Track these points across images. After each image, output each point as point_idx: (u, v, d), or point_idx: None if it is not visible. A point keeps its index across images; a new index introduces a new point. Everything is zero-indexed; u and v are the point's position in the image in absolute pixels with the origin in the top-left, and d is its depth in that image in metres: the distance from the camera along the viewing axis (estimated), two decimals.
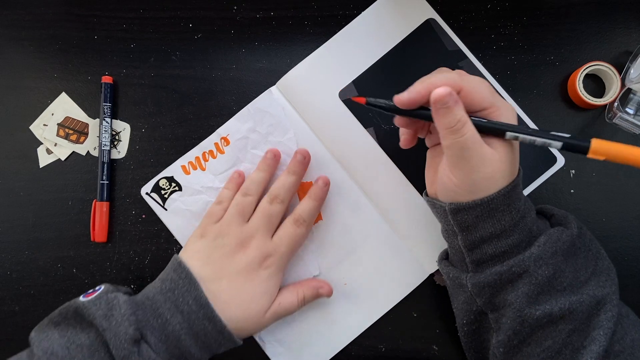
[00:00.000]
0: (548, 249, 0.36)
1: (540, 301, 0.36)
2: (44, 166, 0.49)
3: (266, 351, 0.47)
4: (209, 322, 0.39)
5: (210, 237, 0.43)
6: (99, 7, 0.50)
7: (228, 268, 0.42)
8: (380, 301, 0.47)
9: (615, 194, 0.48)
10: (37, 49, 0.50)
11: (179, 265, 0.41)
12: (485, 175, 0.35)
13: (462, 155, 0.35)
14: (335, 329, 0.47)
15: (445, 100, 0.34)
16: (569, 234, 0.38)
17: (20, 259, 0.49)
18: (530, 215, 0.38)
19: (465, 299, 0.40)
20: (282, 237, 0.44)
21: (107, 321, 0.37)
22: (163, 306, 0.39)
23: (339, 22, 0.49)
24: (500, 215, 0.36)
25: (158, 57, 0.50)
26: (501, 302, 0.37)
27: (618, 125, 0.46)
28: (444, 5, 0.49)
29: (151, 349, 0.37)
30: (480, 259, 0.38)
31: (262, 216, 0.44)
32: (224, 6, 0.50)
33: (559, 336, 0.36)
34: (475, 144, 0.35)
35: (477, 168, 0.35)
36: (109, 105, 0.49)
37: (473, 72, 0.48)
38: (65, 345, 0.37)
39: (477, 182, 0.36)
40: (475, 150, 0.35)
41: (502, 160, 0.36)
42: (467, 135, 0.34)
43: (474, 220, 0.37)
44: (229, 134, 0.48)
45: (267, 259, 0.43)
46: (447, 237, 0.41)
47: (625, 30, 0.48)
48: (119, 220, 0.49)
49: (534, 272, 0.36)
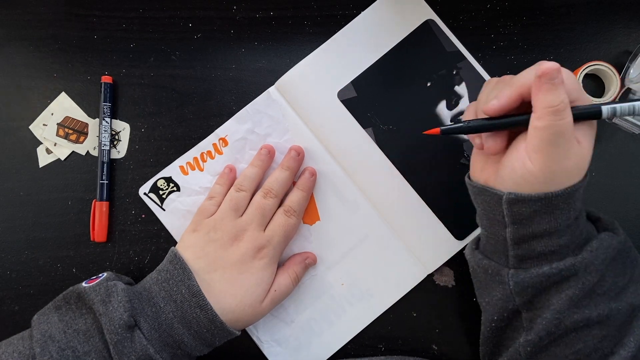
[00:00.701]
0: (600, 255, 0.36)
1: (580, 305, 0.35)
2: (43, 166, 0.50)
3: (264, 351, 0.47)
4: (201, 310, 0.40)
5: (204, 231, 0.44)
6: (98, 7, 0.50)
7: (222, 260, 0.42)
8: (378, 301, 0.47)
9: (615, 194, 0.48)
10: (36, 49, 0.50)
11: (174, 256, 0.42)
12: (567, 167, 0.34)
13: (555, 141, 0.33)
14: (333, 329, 0.47)
15: (554, 76, 0.32)
16: (619, 241, 0.37)
17: (20, 258, 0.49)
18: (583, 217, 0.37)
19: (502, 296, 0.38)
20: (274, 228, 0.44)
21: (104, 306, 0.37)
22: (157, 295, 0.40)
23: (339, 22, 0.49)
24: (559, 213, 0.35)
25: (158, 56, 0.50)
26: (542, 303, 0.36)
27: (618, 125, 0.46)
28: (443, 5, 0.49)
29: (144, 336, 0.38)
30: (525, 254, 0.37)
31: (255, 210, 0.44)
32: (224, 6, 0.50)
33: (591, 341, 0.35)
34: (569, 132, 0.33)
35: (562, 158, 0.34)
36: (109, 105, 0.49)
37: (472, 74, 0.48)
38: (63, 330, 0.38)
39: (557, 173, 0.34)
40: (568, 139, 0.33)
41: (584, 156, 0.35)
42: (567, 120, 0.32)
43: (530, 214, 0.35)
44: (228, 134, 0.48)
45: (261, 251, 0.43)
46: (489, 226, 0.39)
47: (624, 30, 0.48)
48: (119, 220, 0.49)
49: (582, 277, 0.35)
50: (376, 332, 0.47)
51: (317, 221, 0.48)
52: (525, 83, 0.34)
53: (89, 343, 0.37)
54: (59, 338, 0.37)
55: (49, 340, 0.37)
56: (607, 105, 0.34)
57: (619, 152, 0.48)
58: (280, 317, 0.47)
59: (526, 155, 0.35)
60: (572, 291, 0.35)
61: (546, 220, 0.35)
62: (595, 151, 0.47)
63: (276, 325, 0.47)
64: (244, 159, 0.48)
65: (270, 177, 0.46)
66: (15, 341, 0.39)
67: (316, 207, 0.48)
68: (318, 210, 0.48)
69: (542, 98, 0.32)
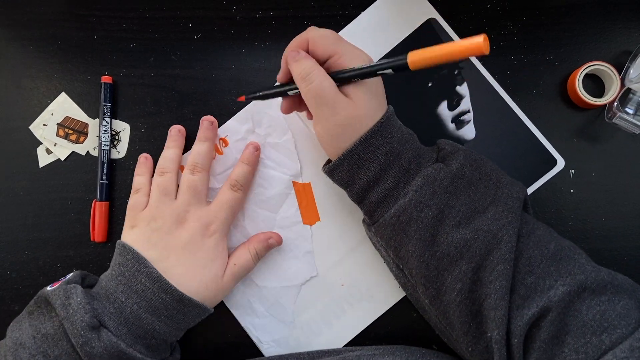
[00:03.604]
0: (425, 191, 0.37)
1: (438, 242, 0.37)
2: (43, 166, 0.49)
3: (263, 352, 0.47)
4: (166, 294, 0.40)
5: (143, 224, 0.43)
6: (98, 7, 0.50)
7: (172, 245, 0.42)
8: (378, 302, 0.47)
9: (615, 194, 0.48)
10: (36, 49, 0.50)
11: (123, 247, 0.42)
12: (339, 122, 0.38)
13: (316, 102, 0.38)
14: (332, 330, 0.47)
15: (292, 55, 0.39)
16: (447, 172, 0.38)
17: (20, 258, 0.49)
18: (407, 153, 0.39)
19: (384, 254, 0.43)
20: (220, 203, 0.44)
21: (64, 310, 0.37)
22: (116, 290, 0.40)
23: (339, 22, 0.49)
24: (368, 163, 0.38)
25: (158, 57, 0.50)
26: (404, 254, 0.39)
27: (617, 125, 0.46)
28: (443, 5, 0.49)
29: (111, 333, 0.38)
30: (370, 208, 0.40)
31: (187, 189, 0.44)
32: (224, 6, 0.50)
33: (465, 276, 0.36)
34: (326, 91, 0.37)
35: (330, 115, 0.38)
36: (109, 105, 0.49)
37: (473, 72, 0.48)
38: (32, 335, 0.38)
39: (332, 129, 0.38)
40: (328, 97, 0.37)
41: (357, 106, 0.38)
42: (316, 82, 0.37)
43: (348, 175, 0.39)
44: (228, 135, 0.48)
45: (209, 227, 0.43)
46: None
47: (624, 30, 0.48)
48: (119, 220, 0.49)
49: (417, 217, 0.37)
50: (376, 332, 0.47)
51: (317, 221, 0.48)
52: (287, 48, 0.40)
53: (58, 347, 0.37)
54: (29, 344, 0.37)
55: (19, 347, 0.37)
56: (343, 75, 0.38)
57: (619, 152, 0.48)
58: (280, 318, 0.47)
59: (314, 123, 0.40)
60: (418, 233, 0.37)
61: (363, 173, 0.39)
62: (596, 151, 0.48)
63: (276, 325, 0.47)
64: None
65: (191, 153, 0.46)
66: None
67: (316, 208, 0.48)
68: (318, 210, 0.48)
69: (294, 72, 0.39)
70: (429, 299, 0.39)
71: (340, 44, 0.39)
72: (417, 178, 0.38)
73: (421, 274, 0.38)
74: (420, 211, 0.37)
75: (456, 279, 0.36)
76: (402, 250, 0.39)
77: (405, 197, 0.38)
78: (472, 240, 0.36)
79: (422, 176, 0.38)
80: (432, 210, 0.37)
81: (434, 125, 0.48)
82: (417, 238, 0.37)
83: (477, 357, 0.37)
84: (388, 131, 0.38)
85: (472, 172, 0.39)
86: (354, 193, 0.40)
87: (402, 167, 0.38)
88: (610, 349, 0.31)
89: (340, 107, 0.37)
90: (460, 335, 0.37)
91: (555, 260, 0.36)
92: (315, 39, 0.39)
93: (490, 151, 0.48)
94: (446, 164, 0.39)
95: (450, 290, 0.37)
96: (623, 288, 0.34)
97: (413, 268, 0.38)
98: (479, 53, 0.30)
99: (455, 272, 0.36)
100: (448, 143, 0.41)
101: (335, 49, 0.38)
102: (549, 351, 0.33)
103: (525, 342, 0.34)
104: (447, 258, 0.37)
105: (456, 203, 0.38)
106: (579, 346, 0.32)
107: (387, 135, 0.38)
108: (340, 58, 0.38)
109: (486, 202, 0.38)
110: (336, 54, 0.38)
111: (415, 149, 0.40)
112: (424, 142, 0.42)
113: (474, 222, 0.37)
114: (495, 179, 0.39)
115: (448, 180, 0.38)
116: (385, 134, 0.38)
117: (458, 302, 0.36)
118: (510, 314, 0.35)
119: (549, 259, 0.36)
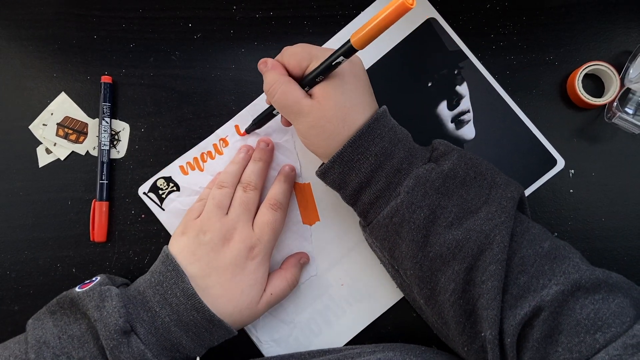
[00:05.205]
0: (417, 192, 0.37)
1: (430, 243, 0.37)
2: (43, 166, 0.49)
3: (263, 351, 0.47)
4: (197, 312, 0.40)
5: (192, 234, 0.43)
6: (98, 7, 0.50)
7: (215, 263, 0.42)
8: (378, 301, 0.47)
9: (615, 194, 0.48)
10: (36, 49, 0.50)
11: (167, 257, 0.42)
12: (312, 122, 0.38)
13: (286, 112, 0.40)
14: (332, 329, 0.47)
15: (260, 67, 0.41)
16: (439, 172, 0.38)
17: (20, 258, 0.49)
18: (398, 153, 0.39)
19: (380, 255, 0.43)
20: (262, 225, 0.44)
21: (98, 312, 0.37)
22: (152, 299, 0.40)
23: (339, 22, 0.49)
24: (359, 164, 0.38)
25: (157, 56, 0.50)
26: (398, 255, 0.39)
27: (617, 125, 0.46)
28: (443, 5, 0.49)
29: (140, 340, 0.38)
30: (363, 210, 0.40)
31: (239, 205, 0.44)
32: (224, 6, 0.50)
33: (458, 277, 0.36)
34: (289, 99, 0.39)
35: (302, 119, 0.39)
36: (109, 105, 0.49)
37: (473, 72, 0.48)
38: (58, 335, 0.37)
39: (311, 131, 0.39)
40: (292, 104, 0.39)
41: (324, 106, 0.38)
42: (279, 93, 0.39)
43: (340, 177, 0.40)
44: (228, 135, 0.48)
45: (253, 250, 0.43)
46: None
47: (624, 30, 0.48)
48: (119, 220, 0.49)
49: (409, 218, 0.37)
50: (376, 332, 0.47)
51: (317, 221, 0.48)
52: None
53: (84, 349, 0.37)
54: (53, 344, 0.37)
55: (43, 346, 0.37)
56: (307, 79, 0.39)
57: (619, 152, 0.48)
58: (280, 318, 0.47)
59: (297, 133, 0.41)
60: (411, 234, 0.37)
61: (354, 174, 0.39)
62: (595, 151, 0.48)
63: (276, 325, 0.47)
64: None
65: (246, 171, 0.46)
66: (12, 345, 0.38)
67: (316, 208, 0.48)
68: (318, 210, 0.48)
69: (264, 87, 0.41)
70: (424, 299, 0.39)
71: (312, 52, 0.40)
72: (408, 179, 0.38)
73: (415, 275, 0.38)
74: (412, 212, 0.37)
75: (449, 279, 0.36)
76: (396, 252, 0.39)
77: (397, 198, 0.38)
78: (464, 240, 0.36)
79: (413, 177, 0.38)
80: (424, 211, 0.37)
81: (434, 125, 0.48)
82: (410, 239, 0.37)
83: (473, 356, 0.37)
84: (377, 132, 0.38)
85: (465, 172, 0.39)
86: (346, 195, 0.40)
87: (393, 167, 0.38)
88: (604, 348, 0.31)
89: (305, 111, 0.38)
90: (456, 335, 0.37)
91: (550, 259, 0.36)
92: (288, 58, 0.40)
93: (490, 151, 0.48)
94: (438, 164, 0.39)
95: (443, 290, 0.37)
96: (617, 286, 0.34)
97: (407, 269, 0.38)
98: (405, 8, 0.30)
99: (448, 273, 0.36)
100: (442, 143, 0.41)
101: (310, 57, 0.39)
102: (542, 350, 0.33)
103: (519, 341, 0.34)
104: (439, 259, 0.36)
105: (448, 203, 0.37)
106: (572, 345, 0.32)
107: (377, 136, 0.38)
108: (314, 64, 0.39)
109: (479, 202, 0.38)
110: (311, 62, 0.39)
111: (408, 149, 0.39)
112: (424, 142, 0.42)
113: (467, 222, 0.37)
114: (489, 179, 0.39)
115: (440, 180, 0.38)
116: (374, 135, 0.38)
117: (452, 302, 0.36)
118: (502, 313, 0.34)
119: (543, 257, 0.36)
